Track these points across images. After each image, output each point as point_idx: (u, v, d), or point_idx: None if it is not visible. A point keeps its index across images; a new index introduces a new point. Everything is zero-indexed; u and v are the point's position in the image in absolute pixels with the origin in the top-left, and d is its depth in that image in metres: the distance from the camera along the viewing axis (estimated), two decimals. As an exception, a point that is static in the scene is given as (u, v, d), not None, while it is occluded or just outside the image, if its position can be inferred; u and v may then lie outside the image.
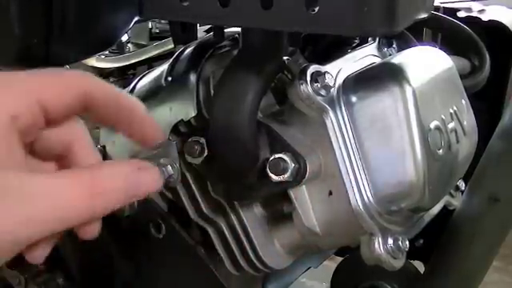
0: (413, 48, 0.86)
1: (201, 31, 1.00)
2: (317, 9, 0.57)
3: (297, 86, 0.69)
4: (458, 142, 0.79)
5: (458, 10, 1.17)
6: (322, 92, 0.70)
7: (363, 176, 0.71)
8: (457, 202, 0.98)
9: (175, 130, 0.79)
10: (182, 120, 0.78)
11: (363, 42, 0.88)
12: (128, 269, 0.87)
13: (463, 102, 0.83)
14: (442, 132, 0.75)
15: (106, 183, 0.47)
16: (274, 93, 0.78)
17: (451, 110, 0.79)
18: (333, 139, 0.71)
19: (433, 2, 0.74)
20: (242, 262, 0.81)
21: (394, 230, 0.74)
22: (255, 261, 0.80)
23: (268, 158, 0.71)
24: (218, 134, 0.71)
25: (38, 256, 0.47)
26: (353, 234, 0.74)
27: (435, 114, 0.75)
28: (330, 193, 0.72)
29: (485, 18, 1.14)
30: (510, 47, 1.14)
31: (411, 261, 1.17)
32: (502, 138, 1.00)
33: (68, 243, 0.83)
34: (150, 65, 1.30)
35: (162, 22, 1.40)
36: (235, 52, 0.77)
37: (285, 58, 0.74)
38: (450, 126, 0.77)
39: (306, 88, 0.69)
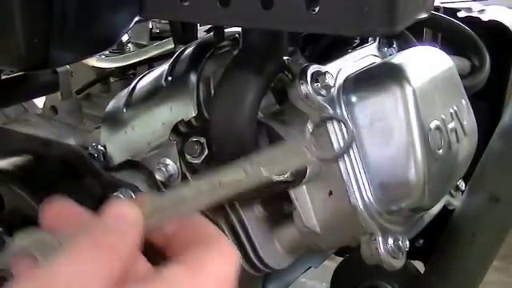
0: (413, 48, 0.86)
1: (201, 31, 1.01)
2: (317, 9, 0.57)
3: (297, 85, 0.69)
4: (458, 141, 0.79)
5: (458, 10, 1.17)
6: (323, 92, 0.70)
7: (363, 176, 0.71)
8: (457, 202, 0.98)
9: (175, 129, 0.79)
10: (183, 120, 0.78)
11: (363, 41, 0.89)
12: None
13: (463, 101, 0.83)
14: (442, 132, 0.75)
15: None
16: (274, 93, 0.78)
17: (451, 110, 0.79)
18: (333, 139, 0.71)
19: (433, 2, 0.74)
20: (243, 262, 0.81)
21: (394, 229, 0.74)
22: (255, 261, 0.80)
23: (268, 158, 0.71)
24: (218, 133, 0.71)
25: None
26: (353, 233, 0.74)
27: (435, 114, 0.75)
28: (331, 193, 0.72)
29: (485, 18, 1.14)
30: (510, 47, 1.14)
31: (411, 261, 1.17)
32: (502, 137, 1.00)
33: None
34: (150, 65, 1.29)
35: (163, 21, 1.40)
36: (235, 52, 0.77)
37: (285, 57, 0.74)
38: (450, 125, 0.78)
39: (307, 88, 0.69)
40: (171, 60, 0.82)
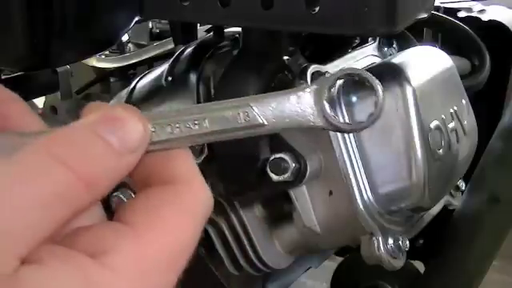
0: (413, 48, 0.86)
1: (201, 31, 1.01)
2: (317, 9, 0.57)
3: (297, 85, 0.69)
4: (458, 141, 0.79)
5: (458, 10, 1.17)
6: (323, 92, 0.70)
7: (363, 176, 0.71)
8: (457, 202, 0.98)
9: (175, 129, 0.79)
10: (183, 120, 0.78)
11: (363, 41, 0.89)
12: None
13: (463, 101, 0.83)
14: (442, 132, 0.75)
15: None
16: (274, 93, 0.78)
17: (451, 110, 0.79)
18: (333, 139, 0.71)
19: (433, 2, 0.74)
20: (242, 262, 0.81)
21: (395, 229, 0.74)
22: (255, 261, 0.80)
23: (268, 158, 0.71)
24: (218, 133, 0.71)
25: None
26: (353, 233, 0.74)
27: (435, 114, 0.75)
28: (331, 193, 0.72)
29: (485, 18, 1.14)
30: (510, 47, 1.14)
31: (411, 261, 1.17)
32: (502, 137, 1.00)
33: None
34: (150, 65, 1.30)
35: (163, 21, 1.40)
36: (235, 52, 0.77)
37: (285, 57, 0.74)
38: (451, 125, 0.78)
39: (307, 88, 0.69)
40: (171, 60, 0.82)
